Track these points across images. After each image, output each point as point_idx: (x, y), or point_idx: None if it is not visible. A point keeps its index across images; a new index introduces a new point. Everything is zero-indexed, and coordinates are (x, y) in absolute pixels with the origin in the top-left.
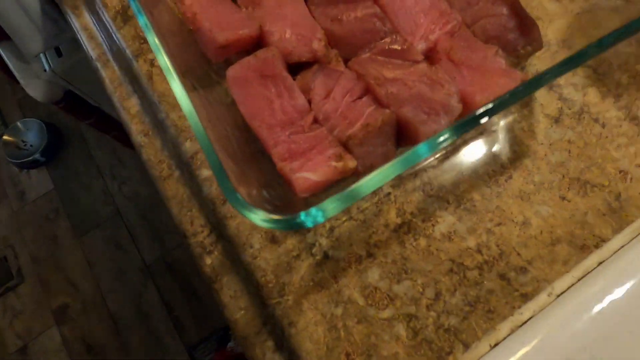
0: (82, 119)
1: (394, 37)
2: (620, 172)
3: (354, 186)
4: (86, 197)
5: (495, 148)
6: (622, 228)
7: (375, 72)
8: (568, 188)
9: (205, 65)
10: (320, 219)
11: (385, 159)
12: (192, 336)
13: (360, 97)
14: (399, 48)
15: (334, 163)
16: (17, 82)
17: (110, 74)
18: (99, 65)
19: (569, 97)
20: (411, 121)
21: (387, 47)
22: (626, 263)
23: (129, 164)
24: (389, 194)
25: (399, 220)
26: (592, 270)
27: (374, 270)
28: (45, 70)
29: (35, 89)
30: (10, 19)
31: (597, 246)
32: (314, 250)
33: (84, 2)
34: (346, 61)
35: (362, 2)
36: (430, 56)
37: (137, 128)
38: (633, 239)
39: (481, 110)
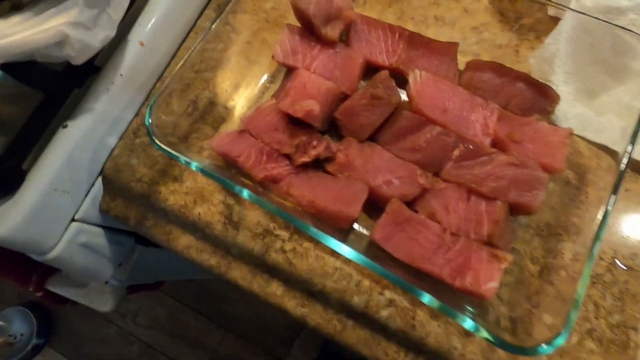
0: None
1: (464, 143)
2: None
3: (575, 298)
4: (107, 349)
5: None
6: None
7: (469, 176)
8: None
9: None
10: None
11: (513, 233)
12: None
13: (468, 199)
14: (473, 149)
15: (502, 265)
16: None
17: (239, 274)
18: (221, 270)
19: None
20: (522, 202)
21: (463, 153)
22: None
23: (130, 296)
24: (514, 249)
25: (538, 268)
26: None
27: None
28: (106, 283)
29: (104, 304)
30: (86, 267)
31: None
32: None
33: (179, 227)
34: (436, 175)
35: (423, 127)
36: (497, 144)
37: (292, 304)
38: None
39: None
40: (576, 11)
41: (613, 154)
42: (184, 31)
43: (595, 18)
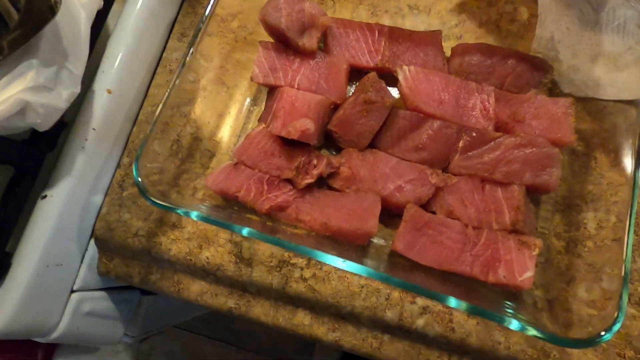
0: None
1: (467, 133)
2: None
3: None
4: None
5: None
6: None
7: (480, 165)
8: None
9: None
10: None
11: (535, 214)
12: None
13: (483, 189)
14: (477, 137)
15: (534, 253)
16: None
17: (261, 310)
18: (242, 311)
19: None
20: (539, 183)
21: (468, 143)
22: None
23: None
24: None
25: (563, 243)
26: None
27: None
28: (119, 343)
29: None
30: (95, 334)
31: None
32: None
33: (188, 275)
34: (445, 170)
35: (423, 123)
36: (500, 127)
37: (322, 330)
38: None
39: None
40: None
41: (615, 113)
42: (151, 68)
43: None
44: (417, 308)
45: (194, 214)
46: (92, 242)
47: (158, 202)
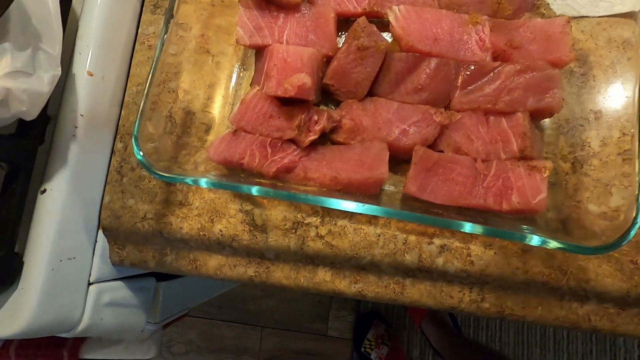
0: None
1: (466, 67)
2: None
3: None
4: None
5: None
6: None
7: (482, 98)
8: None
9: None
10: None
11: (542, 139)
12: None
13: (488, 121)
14: (476, 69)
15: (544, 175)
16: None
17: (282, 274)
18: (262, 278)
19: None
20: (542, 106)
21: (468, 77)
22: None
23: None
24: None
25: (569, 165)
26: None
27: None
28: (142, 332)
29: (148, 351)
30: (119, 324)
31: None
32: None
33: (204, 250)
34: (447, 108)
35: (420, 63)
36: (498, 56)
37: (344, 284)
38: None
39: None
40: None
41: (609, 28)
42: (129, 45)
43: None
44: (435, 248)
45: (203, 181)
46: (101, 233)
47: (165, 174)
